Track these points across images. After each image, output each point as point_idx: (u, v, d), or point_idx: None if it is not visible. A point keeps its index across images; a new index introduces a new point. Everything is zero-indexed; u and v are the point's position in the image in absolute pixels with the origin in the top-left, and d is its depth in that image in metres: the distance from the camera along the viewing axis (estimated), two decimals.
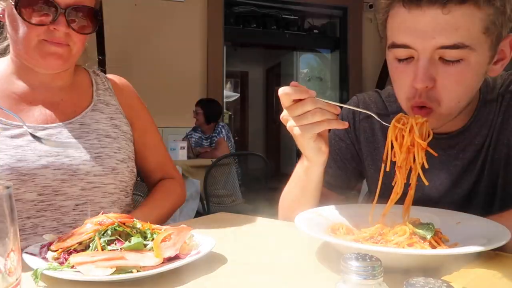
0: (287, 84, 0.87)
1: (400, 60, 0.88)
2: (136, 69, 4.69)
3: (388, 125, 0.86)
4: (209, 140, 4.52)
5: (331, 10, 6.61)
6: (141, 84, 1.70)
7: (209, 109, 4.49)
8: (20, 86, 1.08)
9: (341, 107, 0.91)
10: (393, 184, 0.84)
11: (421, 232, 0.74)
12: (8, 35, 1.06)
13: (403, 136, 0.83)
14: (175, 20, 5.38)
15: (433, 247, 0.72)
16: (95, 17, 1.05)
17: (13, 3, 0.98)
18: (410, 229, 0.75)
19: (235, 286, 0.68)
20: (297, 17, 6.71)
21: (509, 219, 0.81)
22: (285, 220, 1.08)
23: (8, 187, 0.49)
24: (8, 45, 1.10)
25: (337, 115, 0.87)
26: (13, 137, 1.00)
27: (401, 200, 0.85)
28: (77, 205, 1.03)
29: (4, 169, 0.96)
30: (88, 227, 0.74)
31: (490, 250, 0.67)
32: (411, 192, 0.84)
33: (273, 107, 9.15)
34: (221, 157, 3.66)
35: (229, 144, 4.45)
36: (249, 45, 7.49)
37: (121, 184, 1.11)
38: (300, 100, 0.84)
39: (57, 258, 0.70)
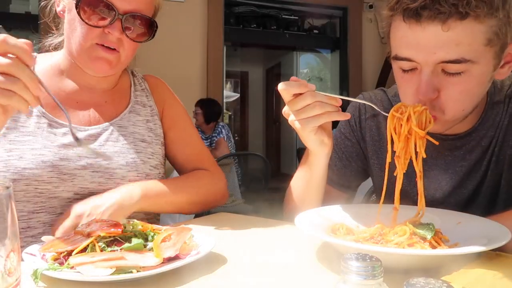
0: (289, 80, 0.87)
1: (404, 70, 0.89)
2: (136, 69, 4.68)
3: (387, 114, 0.86)
4: (209, 140, 4.52)
5: (331, 10, 6.61)
6: None
7: (208, 109, 4.49)
8: (69, 85, 1.10)
9: (344, 100, 0.91)
10: (394, 174, 0.83)
11: (421, 232, 0.74)
12: (64, 31, 1.07)
13: (401, 126, 0.83)
14: (175, 20, 5.37)
15: (433, 247, 0.72)
16: (150, 27, 1.07)
17: (74, 2, 0.99)
18: (410, 229, 0.75)
19: (235, 286, 0.68)
20: (297, 17, 6.71)
21: (509, 219, 0.81)
22: (290, 217, 1.08)
23: (8, 187, 0.49)
24: (62, 41, 1.12)
25: (340, 107, 0.88)
26: (58, 134, 1.02)
27: (406, 201, 0.85)
28: None
29: (47, 166, 0.98)
30: (77, 238, 0.72)
31: (490, 250, 0.67)
32: (420, 182, 0.82)
33: (273, 107, 9.15)
34: (221, 157, 3.66)
35: (229, 144, 4.45)
36: (249, 45, 7.50)
37: None
38: (300, 94, 0.85)
39: (57, 259, 0.69)
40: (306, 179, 1.02)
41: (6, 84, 0.72)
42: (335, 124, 0.97)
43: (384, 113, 0.88)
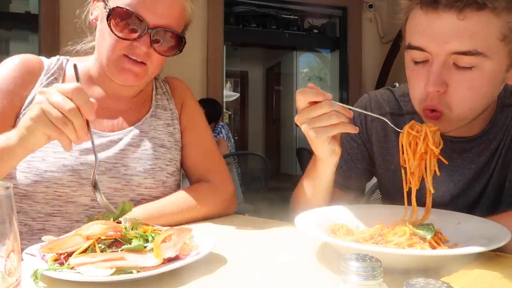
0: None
1: (416, 62, 0.88)
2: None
3: (401, 131, 0.85)
4: None
5: (331, 10, 6.60)
6: None
7: (210, 109, 4.47)
8: (96, 91, 1.11)
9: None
10: (406, 190, 0.84)
11: (421, 232, 0.74)
12: (95, 39, 1.09)
13: (416, 143, 0.83)
14: None
15: (433, 247, 0.73)
16: (179, 42, 1.07)
17: (106, 13, 1.01)
18: (410, 229, 0.75)
19: (235, 286, 0.68)
20: (297, 17, 6.71)
21: (509, 220, 0.81)
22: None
23: (8, 188, 0.49)
24: (93, 46, 1.13)
25: (352, 118, 0.88)
26: None
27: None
28: None
29: (68, 170, 0.99)
30: (77, 240, 0.72)
31: (490, 250, 0.67)
32: (430, 198, 0.83)
33: (273, 106, 9.15)
34: None
35: (229, 144, 4.44)
36: (249, 44, 7.49)
37: None
38: (316, 102, 0.84)
39: (57, 259, 0.69)
40: (313, 185, 1.01)
41: (59, 123, 0.79)
42: None
43: (398, 130, 0.87)
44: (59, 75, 1.10)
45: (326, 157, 0.93)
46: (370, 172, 1.18)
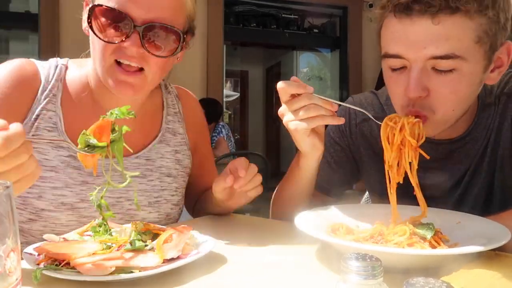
0: (288, 79, 0.89)
1: (394, 70, 0.88)
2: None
3: (380, 123, 0.86)
4: None
5: (331, 10, 6.60)
6: None
7: (211, 109, 4.48)
8: (95, 108, 0.98)
9: (339, 105, 0.91)
10: (389, 189, 0.84)
11: (421, 232, 0.74)
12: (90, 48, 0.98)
13: (394, 135, 0.83)
14: None
15: (433, 247, 0.73)
16: (177, 39, 0.92)
17: (86, 16, 0.90)
18: (410, 229, 0.75)
19: (235, 286, 0.68)
20: (297, 17, 6.70)
21: (508, 219, 0.81)
22: (277, 218, 1.10)
23: (8, 187, 0.49)
24: None
25: (336, 111, 0.88)
26: (81, 168, 0.92)
27: (410, 202, 0.85)
28: None
29: (67, 209, 0.92)
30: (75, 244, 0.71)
31: (490, 250, 0.67)
32: (419, 193, 0.83)
33: (273, 106, 9.15)
34: (221, 157, 3.66)
35: (229, 144, 4.45)
36: (249, 44, 7.49)
37: None
38: (298, 95, 0.86)
39: (54, 261, 0.69)
40: (295, 180, 1.02)
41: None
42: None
43: (377, 121, 0.88)
44: (58, 90, 0.97)
45: (308, 151, 0.94)
46: (353, 176, 1.18)
